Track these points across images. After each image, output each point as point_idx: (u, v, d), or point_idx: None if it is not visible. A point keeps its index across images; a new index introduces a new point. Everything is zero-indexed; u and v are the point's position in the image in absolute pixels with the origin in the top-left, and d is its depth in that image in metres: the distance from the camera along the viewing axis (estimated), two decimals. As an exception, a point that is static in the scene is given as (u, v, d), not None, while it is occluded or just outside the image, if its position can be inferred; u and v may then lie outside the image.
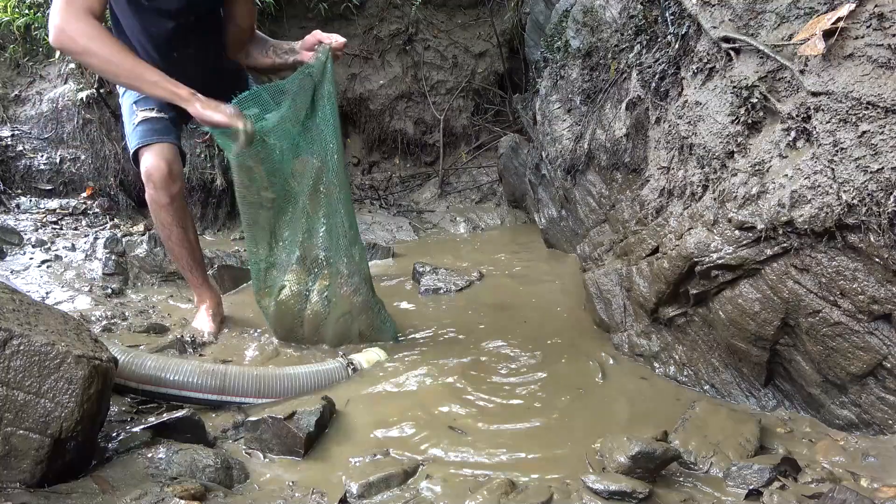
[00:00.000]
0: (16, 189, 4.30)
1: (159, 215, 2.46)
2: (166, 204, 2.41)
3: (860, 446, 1.69)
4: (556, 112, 3.14)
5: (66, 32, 2.05)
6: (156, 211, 2.46)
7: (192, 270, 2.65)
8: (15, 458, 1.38)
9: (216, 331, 2.65)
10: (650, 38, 2.41)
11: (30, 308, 1.55)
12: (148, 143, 2.38)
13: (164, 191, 2.39)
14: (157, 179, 2.36)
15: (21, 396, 1.39)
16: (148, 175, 2.37)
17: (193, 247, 2.60)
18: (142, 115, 2.42)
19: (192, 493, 1.43)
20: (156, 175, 2.36)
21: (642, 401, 2.05)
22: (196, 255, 2.64)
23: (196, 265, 2.65)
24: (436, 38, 5.23)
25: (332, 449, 1.79)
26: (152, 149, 2.37)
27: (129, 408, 1.91)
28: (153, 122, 2.42)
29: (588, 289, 2.55)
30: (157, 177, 2.36)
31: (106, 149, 4.34)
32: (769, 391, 1.98)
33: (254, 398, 2.01)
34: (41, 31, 4.38)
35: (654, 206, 2.23)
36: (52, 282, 3.25)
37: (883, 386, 1.66)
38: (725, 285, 1.91)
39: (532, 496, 1.48)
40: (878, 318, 1.62)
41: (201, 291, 2.72)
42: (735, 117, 1.89)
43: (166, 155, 2.38)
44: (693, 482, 1.60)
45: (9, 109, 4.49)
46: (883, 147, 1.52)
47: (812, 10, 1.77)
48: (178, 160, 2.44)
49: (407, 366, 2.27)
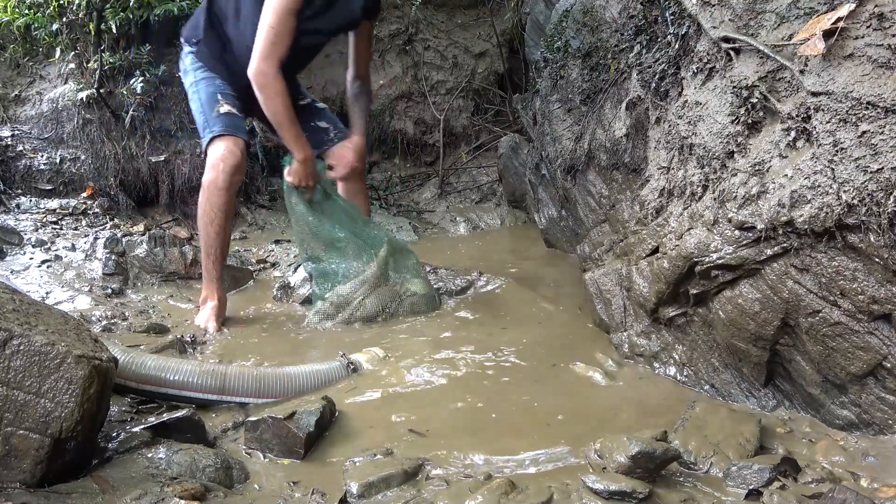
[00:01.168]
0: (16, 189, 4.30)
1: (213, 198, 2.68)
2: (225, 189, 2.67)
3: (860, 446, 1.69)
4: (556, 112, 3.14)
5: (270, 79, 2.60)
6: (212, 193, 2.67)
7: (216, 263, 2.79)
8: (15, 458, 1.38)
9: (217, 330, 2.70)
10: (650, 38, 2.41)
11: (30, 308, 1.55)
12: (229, 133, 2.70)
13: (229, 178, 2.66)
14: (229, 166, 2.65)
15: (21, 396, 1.39)
16: (221, 159, 2.65)
17: (226, 241, 2.81)
18: (227, 107, 2.76)
19: (192, 493, 1.43)
20: (229, 161, 2.65)
21: (642, 401, 2.05)
22: (225, 250, 2.83)
23: (222, 258, 2.82)
24: (436, 38, 5.22)
25: (332, 449, 1.79)
26: (230, 139, 2.69)
27: (129, 408, 1.92)
28: (234, 118, 2.76)
29: (588, 289, 2.55)
30: (230, 163, 2.65)
31: (106, 149, 4.33)
32: (769, 391, 1.98)
33: (254, 398, 2.01)
34: (41, 31, 4.39)
35: (653, 206, 2.23)
36: (52, 282, 3.25)
37: (883, 386, 1.66)
38: (725, 285, 1.91)
39: (532, 496, 1.48)
40: (878, 318, 1.62)
41: (214, 288, 2.80)
42: (735, 117, 1.89)
43: (241, 147, 2.71)
44: (693, 482, 1.60)
45: (9, 109, 4.49)
46: (883, 147, 1.52)
47: (812, 10, 1.77)
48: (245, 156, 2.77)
49: (407, 365, 2.27)
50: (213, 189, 2.68)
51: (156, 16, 4.16)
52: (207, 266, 2.80)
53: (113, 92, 4.33)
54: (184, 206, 4.45)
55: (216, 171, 2.66)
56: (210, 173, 2.68)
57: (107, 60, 4.24)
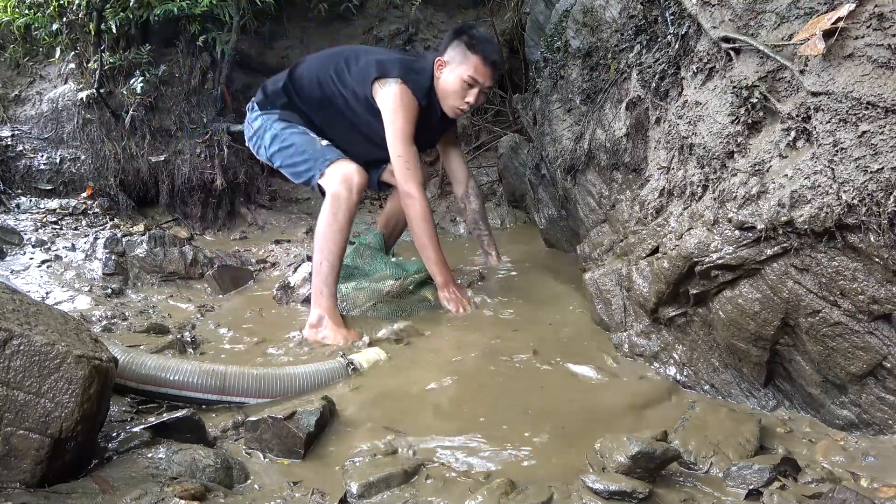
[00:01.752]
0: (16, 189, 4.30)
1: (340, 213, 2.67)
2: (354, 203, 2.72)
3: (860, 446, 1.69)
4: (556, 112, 3.14)
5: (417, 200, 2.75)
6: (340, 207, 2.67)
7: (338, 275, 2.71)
8: (15, 458, 1.38)
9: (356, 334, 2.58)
10: (650, 38, 2.41)
11: (30, 308, 1.55)
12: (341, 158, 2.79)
13: (359, 194, 2.73)
14: (361, 183, 2.73)
15: (21, 396, 1.39)
16: (352, 174, 2.72)
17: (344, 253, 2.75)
18: (326, 141, 2.88)
19: (192, 493, 1.43)
20: (360, 178, 2.73)
21: (642, 401, 2.05)
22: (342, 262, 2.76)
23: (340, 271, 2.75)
24: (436, 38, 5.22)
25: (332, 449, 1.79)
26: (345, 162, 2.77)
27: (129, 408, 1.92)
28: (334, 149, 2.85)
29: (588, 289, 2.55)
30: (362, 180, 2.73)
31: (106, 149, 4.34)
32: (769, 391, 1.98)
33: (254, 398, 2.01)
34: (41, 31, 4.39)
35: (653, 206, 2.23)
36: (52, 282, 3.25)
37: (883, 386, 1.67)
38: (725, 285, 1.91)
39: (532, 496, 1.48)
40: (878, 318, 1.62)
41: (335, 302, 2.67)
42: (735, 117, 1.89)
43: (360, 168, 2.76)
44: (693, 482, 1.60)
45: (9, 109, 4.49)
46: (883, 147, 1.52)
47: (812, 10, 1.77)
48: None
49: (407, 365, 2.27)
50: (343, 201, 2.67)
51: (156, 16, 4.16)
52: (329, 280, 2.65)
53: (113, 92, 4.33)
54: (184, 207, 4.45)
55: (348, 184, 2.69)
56: (340, 187, 2.69)
57: (107, 60, 4.25)
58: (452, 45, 2.84)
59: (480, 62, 2.79)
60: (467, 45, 2.81)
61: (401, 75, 2.77)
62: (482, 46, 2.81)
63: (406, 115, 2.75)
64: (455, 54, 2.83)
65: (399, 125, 2.73)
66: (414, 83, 2.79)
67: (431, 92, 2.87)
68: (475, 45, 2.80)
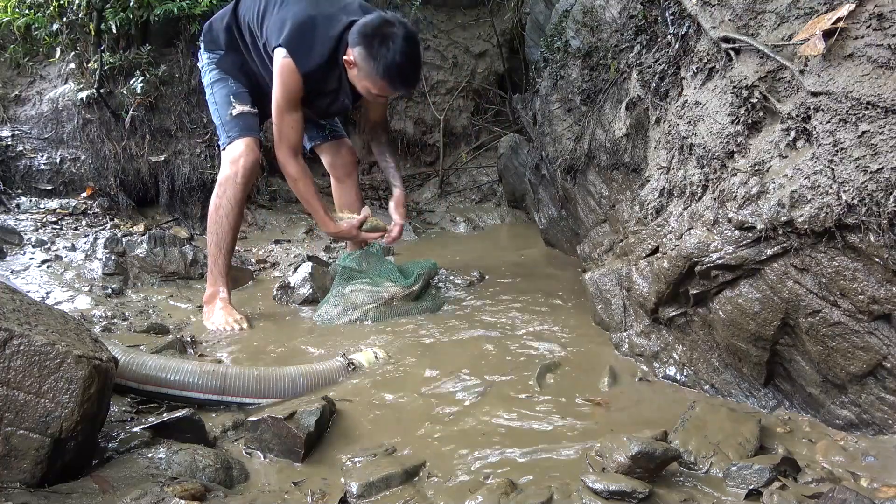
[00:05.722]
0: (16, 189, 4.30)
1: (229, 191, 2.80)
2: (242, 183, 2.82)
3: (860, 446, 1.69)
4: (556, 112, 3.14)
5: (286, 168, 2.84)
6: (229, 187, 2.80)
7: (227, 255, 2.88)
8: (15, 458, 1.38)
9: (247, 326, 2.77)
10: (650, 38, 2.41)
11: (30, 308, 1.55)
12: (244, 134, 2.85)
13: (247, 173, 2.82)
14: (248, 162, 2.81)
15: (21, 396, 1.39)
16: (240, 155, 2.81)
17: (236, 236, 2.93)
18: (239, 108, 2.89)
19: (192, 493, 1.43)
20: (248, 160, 2.81)
21: (642, 400, 2.05)
22: (233, 245, 2.93)
23: (232, 250, 2.92)
24: (436, 38, 5.22)
25: (332, 449, 1.79)
26: (246, 140, 2.84)
27: (129, 408, 1.91)
28: (249, 117, 2.90)
29: (588, 289, 2.55)
30: (249, 160, 2.81)
31: (106, 149, 4.33)
32: (769, 391, 1.98)
33: (254, 398, 2.01)
34: (41, 31, 4.39)
35: (653, 206, 2.23)
36: (52, 282, 3.25)
37: (883, 386, 1.67)
38: (725, 285, 1.91)
39: (532, 496, 1.48)
40: (878, 318, 1.62)
41: (224, 282, 2.88)
42: (735, 117, 1.89)
43: (257, 145, 2.88)
44: (693, 482, 1.60)
45: (9, 109, 4.49)
46: (883, 147, 1.52)
47: (812, 10, 1.77)
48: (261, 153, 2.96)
49: (406, 365, 2.27)
50: (230, 183, 2.80)
51: (156, 16, 4.16)
52: (217, 261, 2.86)
53: (113, 92, 4.33)
54: (184, 207, 4.45)
55: (235, 166, 2.80)
56: (228, 169, 2.81)
57: (107, 60, 4.24)
58: (360, 50, 2.59)
59: (387, 86, 2.64)
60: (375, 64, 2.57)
61: (289, 47, 2.63)
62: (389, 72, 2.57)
63: (285, 89, 2.70)
64: (364, 64, 2.60)
65: (277, 96, 2.73)
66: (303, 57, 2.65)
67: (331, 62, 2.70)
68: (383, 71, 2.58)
